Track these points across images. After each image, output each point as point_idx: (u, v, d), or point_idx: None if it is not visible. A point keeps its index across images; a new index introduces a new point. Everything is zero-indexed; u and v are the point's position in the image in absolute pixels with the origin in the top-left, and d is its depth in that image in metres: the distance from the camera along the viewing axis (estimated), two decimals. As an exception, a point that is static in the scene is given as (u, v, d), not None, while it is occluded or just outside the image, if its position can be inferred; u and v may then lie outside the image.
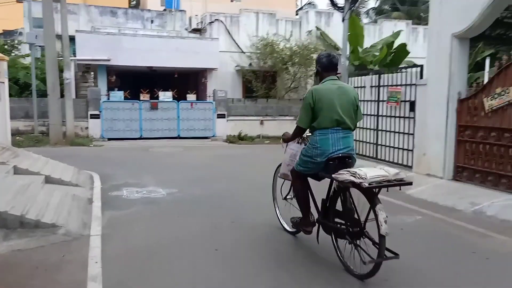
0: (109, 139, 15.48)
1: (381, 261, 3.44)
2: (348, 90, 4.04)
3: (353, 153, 3.98)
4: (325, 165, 3.88)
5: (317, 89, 3.97)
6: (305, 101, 3.99)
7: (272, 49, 17.19)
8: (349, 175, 3.51)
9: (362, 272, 3.60)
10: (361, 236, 3.67)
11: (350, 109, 3.96)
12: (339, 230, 3.91)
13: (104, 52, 15.89)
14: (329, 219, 4.04)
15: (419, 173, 7.60)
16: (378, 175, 3.52)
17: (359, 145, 9.87)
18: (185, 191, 7.01)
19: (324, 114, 3.88)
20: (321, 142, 3.88)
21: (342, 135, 3.90)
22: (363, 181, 3.41)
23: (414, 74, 8.10)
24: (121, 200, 6.34)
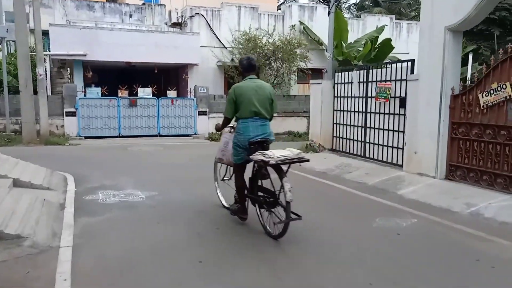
0: (86, 137, 14.91)
1: (288, 222, 4.35)
2: (264, 87, 4.92)
3: (269, 138, 4.86)
4: (248, 149, 4.74)
5: (238, 86, 4.88)
6: (229, 96, 4.90)
7: (255, 44, 16.77)
8: (261, 156, 4.47)
9: (276, 233, 4.54)
10: (275, 205, 4.60)
11: (266, 103, 4.84)
12: (261, 201, 4.82)
13: (80, 47, 15.23)
14: (254, 193, 4.95)
15: (410, 172, 7.33)
16: (283, 155, 4.47)
17: (347, 142, 9.58)
18: (166, 194, 6.58)
19: (244, 106, 4.75)
20: (243, 129, 4.78)
21: (260, 123, 4.79)
22: (271, 160, 4.38)
23: (405, 69, 7.81)
24: (96, 205, 5.88)
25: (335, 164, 8.74)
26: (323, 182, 7.64)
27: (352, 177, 7.78)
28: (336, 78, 10.13)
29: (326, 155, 9.70)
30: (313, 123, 10.74)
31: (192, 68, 17.08)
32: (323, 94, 10.27)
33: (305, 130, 17.13)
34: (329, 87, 10.26)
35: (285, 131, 16.87)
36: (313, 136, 10.62)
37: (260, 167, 4.72)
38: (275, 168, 4.50)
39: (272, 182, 4.66)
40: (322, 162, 9.14)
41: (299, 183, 7.60)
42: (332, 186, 7.28)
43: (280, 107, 17.00)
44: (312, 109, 10.77)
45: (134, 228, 4.87)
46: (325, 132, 10.21)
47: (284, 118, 17.04)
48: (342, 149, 9.74)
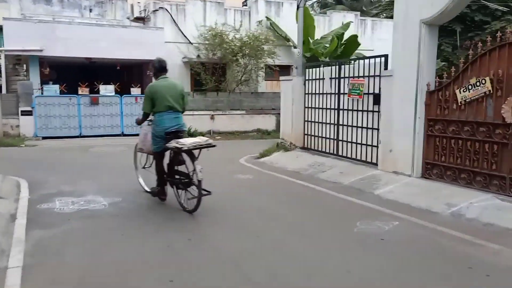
0: (43, 138, 14.11)
1: (200, 197, 5.15)
2: (176, 84, 5.77)
3: (183, 128, 5.68)
4: (165, 139, 5.51)
5: (153, 85, 5.68)
6: (146, 94, 5.64)
7: (221, 39, 16.32)
8: (175, 143, 5.31)
9: (191, 208, 5.33)
10: (190, 184, 5.42)
11: (178, 98, 5.66)
12: (178, 183, 5.63)
13: (36, 42, 14.33)
14: (172, 176, 5.73)
15: (385, 170, 7.14)
16: (194, 142, 5.38)
17: (319, 141, 9.32)
18: (131, 199, 6.09)
19: (160, 102, 5.53)
20: (160, 121, 5.56)
21: (174, 116, 5.59)
22: (183, 146, 5.25)
23: (378, 64, 7.61)
24: (52, 215, 5.32)
25: (308, 163, 8.47)
26: (297, 182, 7.34)
27: (327, 176, 7.52)
28: (307, 74, 9.86)
29: (298, 154, 9.42)
30: (283, 121, 10.44)
31: (156, 64, 16.42)
32: (293, 91, 9.97)
33: (274, 127, 16.86)
34: (300, 84, 9.98)
35: (253, 129, 16.54)
36: (284, 134, 10.32)
37: (176, 153, 5.55)
38: (188, 153, 5.36)
39: (187, 166, 5.46)
40: (294, 161, 8.85)
41: (272, 184, 7.30)
42: (307, 187, 6.98)
43: (248, 104, 16.69)
44: (283, 107, 10.47)
45: (95, 242, 4.37)
46: (297, 130, 9.93)
47: (252, 116, 16.70)
48: (314, 148, 9.48)
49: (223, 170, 8.56)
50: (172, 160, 5.70)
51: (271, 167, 8.76)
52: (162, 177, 5.82)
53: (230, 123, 16.30)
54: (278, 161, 9.05)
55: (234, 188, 6.92)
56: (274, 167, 8.73)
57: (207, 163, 9.69)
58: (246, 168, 8.82)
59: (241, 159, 9.88)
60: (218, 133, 15.96)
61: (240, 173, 8.13)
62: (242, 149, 11.97)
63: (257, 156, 9.99)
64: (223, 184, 7.21)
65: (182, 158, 5.52)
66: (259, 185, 7.20)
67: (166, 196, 5.90)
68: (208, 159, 10.28)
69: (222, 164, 9.33)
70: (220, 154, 10.96)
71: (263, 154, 9.92)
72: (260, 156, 9.91)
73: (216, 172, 8.33)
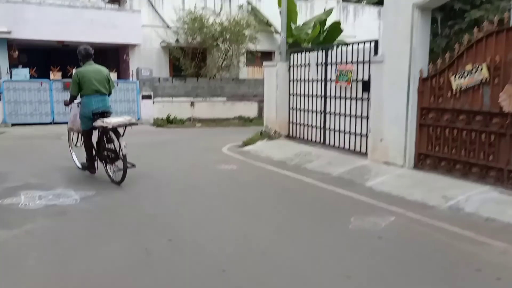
0: (13, 124, 13.33)
1: (125, 169, 5.82)
2: (101, 70, 6.31)
3: (109, 110, 6.22)
4: (92, 118, 6.10)
5: (80, 71, 6.19)
6: (73, 79, 6.16)
7: (201, 24, 15.68)
8: (101, 122, 5.93)
9: (118, 179, 5.97)
10: (117, 159, 6.02)
11: (104, 82, 6.23)
12: (106, 158, 6.23)
13: (3, 24, 13.47)
14: (101, 152, 6.30)
15: (376, 160, 6.82)
16: (118, 121, 5.93)
17: (305, 129, 8.96)
18: (105, 193, 5.61)
19: (87, 86, 6.09)
20: (87, 103, 6.13)
21: (100, 99, 6.16)
22: (108, 125, 5.84)
23: (367, 50, 7.25)
24: (15, 212, 4.81)
25: (294, 153, 8.10)
26: (283, 173, 6.96)
27: (314, 167, 7.17)
28: (292, 60, 9.45)
29: (283, 143, 9.04)
30: (267, 108, 10.03)
31: (133, 48, 15.74)
32: (278, 78, 9.56)
33: (255, 115, 16.44)
34: (284, 70, 9.56)
35: (235, 116, 16.07)
36: (268, 122, 9.91)
37: (104, 132, 6.14)
38: (113, 131, 5.94)
39: (114, 143, 6.01)
40: (279, 151, 8.47)
41: (257, 175, 6.91)
42: (294, 179, 6.61)
43: (229, 91, 16.20)
44: (267, 94, 10.04)
45: (63, 245, 3.90)
46: (281, 118, 9.54)
47: (233, 103, 16.22)
48: (299, 136, 9.12)
49: (205, 160, 8.12)
50: (101, 138, 6.29)
51: (256, 156, 8.36)
52: (91, 153, 6.47)
53: (211, 110, 15.80)
54: (263, 150, 8.65)
55: (217, 180, 6.50)
56: (259, 156, 8.33)
57: (188, 152, 9.34)
58: (229, 157, 8.40)
59: (224, 148, 9.45)
60: (199, 120, 15.43)
61: (223, 163, 7.71)
62: (224, 137, 11.52)
63: (241, 144, 9.57)
64: (205, 176, 6.79)
65: (110, 135, 6.09)
66: (244, 177, 6.80)
67: (95, 170, 6.56)
68: (189, 148, 9.91)
69: (204, 153, 8.90)
70: (202, 143, 10.54)
71: (247, 142, 9.51)
72: (243, 144, 9.49)
73: (198, 162, 7.91)
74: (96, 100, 6.11)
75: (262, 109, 16.87)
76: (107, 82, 6.30)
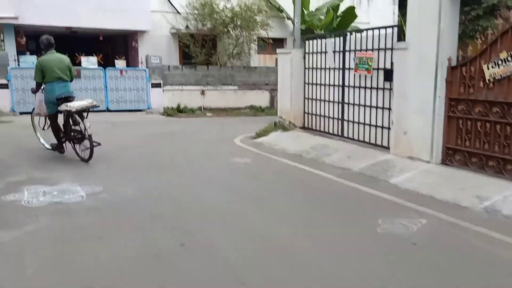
0: (21, 113, 13.06)
1: (92, 148, 6.46)
2: (63, 58, 6.81)
3: (71, 95, 6.74)
4: (57, 103, 6.60)
5: (42, 59, 6.65)
6: (36, 67, 6.63)
7: (212, 9, 15.22)
8: (65, 106, 6.47)
9: (86, 157, 6.59)
10: (83, 139, 6.62)
11: (65, 70, 6.72)
12: (73, 138, 6.78)
13: (10, 9, 13.14)
14: (68, 133, 6.83)
15: (399, 155, 6.42)
16: (81, 105, 6.54)
17: (321, 120, 8.55)
18: (113, 189, 5.29)
19: (49, 73, 6.55)
20: (51, 90, 6.59)
21: (63, 85, 6.66)
22: (72, 108, 6.44)
23: (390, 36, 6.80)
24: (17, 210, 4.51)
25: (310, 145, 7.71)
26: (300, 167, 6.59)
27: (333, 161, 6.79)
28: (307, 47, 9.01)
29: (298, 134, 8.65)
30: (281, 98, 9.62)
31: (142, 35, 15.35)
32: (292, 65, 9.13)
33: (267, 104, 16.05)
34: (299, 57, 9.13)
35: (246, 106, 15.68)
36: (282, 113, 9.51)
37: (70, 115, 6.67)
38: (78, 114, 6.54)
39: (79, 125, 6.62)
40: (295, 143, 8.09)
41: (272, 169, 6.56)
42: (312, 173, 6.24)
43: (240, 79, 15.78)
44: (280, 82, 9.63)
45: (67, 248, 3.58)
46: (296, 108, 9.13)
47: (244, 92, 15.81)
48: (315, 128, 8.71)
49: (218, 152, 7.78)
50: (67, 121, 6.81)
51: (270, 149, 8.00)
52: (58, 134, 7.00)
53: (222, 99, 15.42)
54: (277, 142, 8.28)
55: (231, 175, 6.15)
56: (273, 149, 7.97)
57: (199, 143, 8.98)
58: (242, 150, 8.04)
59: (236, 139, 9.09)
60: (209, 109, 15.07)
61: (237, 155, 7.35)
62: (236, 127, 11.18)
63: (254, 136, 9.21)
64: (218, 170, 6.45)
65: (75, 118, 6.63)
66: (259, 171, 6.45)
67: (64, 150, 7.09)
68: (200, 139, 9.54)
69: (216, 144, 8.55)
70: (213, 133, 10.19)
71: (260, 133, 9.14)
72: (257, 136, 9.12)
73: (210, 155, 7.57)
74: (59, 87, 6.63)
75: (274, 98, 16.61)
76: (68, 70, 6.80)
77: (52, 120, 6.91)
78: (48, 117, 6.99)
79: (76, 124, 6.66)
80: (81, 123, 6.51)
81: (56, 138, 7.02)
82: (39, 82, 6.70)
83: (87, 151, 6.56)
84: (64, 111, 6.54)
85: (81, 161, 6.66)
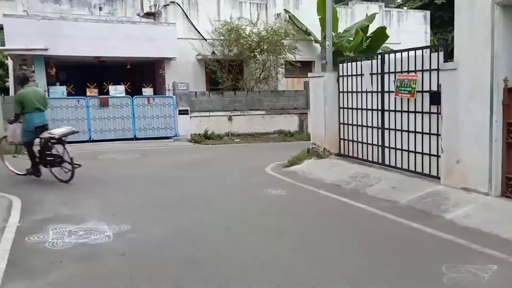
0: (51, 143, 13.06)
1: (73, 170, 7.13)
2: (38, 91, 7.73)
3: (47, 123, 7.54)
4: (34, 131, 7.32)
5: (21, 93, 7.39)
6: (16, 100, 7.37)
7: (238, 34, 15.10)
8: (48, 134, 7.29)
9: (67, 179, 7.25)
10: (62, 162, 7.32)
11: (41, 101, 7.44)
12: (51, 163, 7.45)
13: (41, 41, 13.34)
14: (44, 159, 7.48)
15: (452, 186, 5.83)
16: (62, 132, 7.36)
17: (359, 147, 8.03)
18: (141, 228, 4.91)
19: (28, 104, 7.24)
20: (30, 119, 7.29)
21: (40, 115, 7.38)
22: (55, 135, 7.25)
23: (435, 56, 6.32)
24: (41, 254, 4.16)
25: (348, 174, 7.21)
26: (341, 200, 6.08)
27: (376, 192, 6.26)
28: (341, 69, 8.60)
29: (334, 162, 8.15)
30: (314, 123, 9.19)
31: (169, 62, 15.30)
32: (326, 89, 8.71)
33: (296, 128, 15.66)
34: (332, 81, 8.72)
35: (275, 130, 15.32)
36: (315, 139, 9.05)
37: (46, 141, 7.30)
38: (59, 140, 7.22)
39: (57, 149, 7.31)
40: (331, 172, 7.59)
41: (311, 203, 6.07)
42: (356, 208, 5.72)
43: (268, 103, 15.48)
44: (313, 107, 9.21)
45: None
46: (331, 134, 8.66)
47: (272, 116, 15.48)
48: (353, 155, 8.20)
49: (248, 183, 7.35)
50: (43, 147, 7.41)
51: (305, 178, 7.52)
52: (34, 160, 7.52)
53: (250, 125, 15.11)
54: (312, 171, 7.80)
55: (268, 211, 5.68)
56: (309, 178, 7.49)
57: (228, 173, 8.55)
58: (275, 179, 7.59)
59: (267, 168, 8.66)
60: (237, 135, 14.77)
61: (270, 186, 6.90)
62: (265, 154, 10.79)
63: (286, 163, 8.76)
64: (250, 205, 6.01)
65: (52, 145, 7.31)
66: (297, 206, 5.95)
67: (40, 173, 7.60)
68: (229, 168, 9.13)
69: (247, 174, 8.14)
70: (242, 161, 9.80)
71: (293, 161, 8.68)
72: (289, 164, 8.67)
73: (242, 186, 7.15)
74: (37, 116, 7.30)
75: (303, 122, 16.24)
76: (44, 101, 7.51)
77: (28, 147, 7.49)
78: (25, 145, 7.53)
79: (51, 149, 7.34)
80: (63, 148, 7.21)
81: (32, 163, 7.55)
82: (18, 113, 7.31)
83: (69, 173, 7.16)
84: (47, 138, 7.24)
85: (59, 182, 7.28)
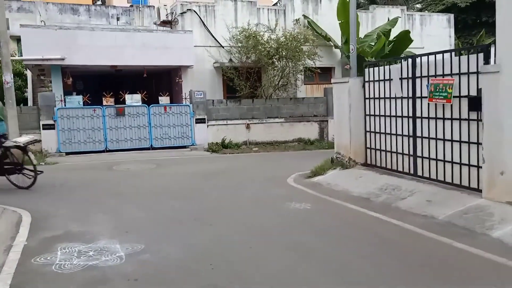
0: (67, 153, 12.93)
1: (36, 176, 7.64)
2: None
3: (6, 133, 8.10)
4: None
5: None
6: None
7: (256, 41, 14.73)
8: (12, 142, 7.78)
9: (27, 185, 7.69)
10: (22, 169, 7.79)
11: (1, 111, 8.11)
12: (9, 171, 7.83)
13: (57, 50, 13.24)
14: (2, 167, 7.78)
15: (496, 200, 5.27)
16: (26, 139, 7.93)
17: (387, 156, 7.51)
18: (156, 248, 4.50)
19: None
20: None
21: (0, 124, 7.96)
22: (20, 143, 7.70)
23: (474, 58, 5.80)
24: (47, 278, 3.79)
25: (377, 186, 6.70)
26: (372, 215, 5.58)
27: (409, 206, 5.74)
28: (367, 74, 8.12)
29: (360, 173, 7.64)
30: (338, 131, 8.70)
31: (186, 70, 15.02)
32: (351, 96, 8.24)
33: (316, 136, 15.17)
34: (358, 87, 8.25)
35: (294, 139, 14.87)
36: (339, 148, 8.57)
37: (5, 150, 7.67)
38: (22, 148, 7.68)
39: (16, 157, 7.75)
40: (358, 183, 7.10)
41: (338, 217, 5.59)
42: (388, 223, 5.22)
43: (286, 111, 15.07)
44: (337, 115, 8.74)
45: None
46: (356, 142, 8.17)
47: (292, 124, 15.03)
48: (381, 165, 7.68)
49: (270, 195, 6.91)
50: (1, 156, 7.69)
51: (330, 190, 7.05)
52: None
53: (268, 133, 14.69)
54: (337, 182, 7.32)
55: (293, 228, 5.20)
56: (334, 190, 7.01)
57: (247, 185, 8.12)
58: (298, 192, 7.13)
59: (289, 179, 8.21)
60: (255, 144, 14.35)
61: (293, 199, 6.44)
62: (285, 163, 10.35)
63: (309, 174, 8.30)
64: (273, 220, 5.54)
65: (11, 153, 7.70)
66: (324, 221, 5.47)
67: None
68: (248, 179, 8.65)
69: (267, 186, 7.70)
70: (262, 172, 9.35)
71: (316, 171, 8.21)
72: (312, 174, 8.21)
73: (263, 199, 6.70)
74: None
75: (324, 130, 15.75)
76: (2, 112, 8.03)
77: None
78: None
79: (6, 157, 7.73)
80: (26, 155, 7.67)
81: None
82: None
83: (31, 179, 7.61)
84: (12, 146, 7.65)
85: (18, 188, 7.62)
